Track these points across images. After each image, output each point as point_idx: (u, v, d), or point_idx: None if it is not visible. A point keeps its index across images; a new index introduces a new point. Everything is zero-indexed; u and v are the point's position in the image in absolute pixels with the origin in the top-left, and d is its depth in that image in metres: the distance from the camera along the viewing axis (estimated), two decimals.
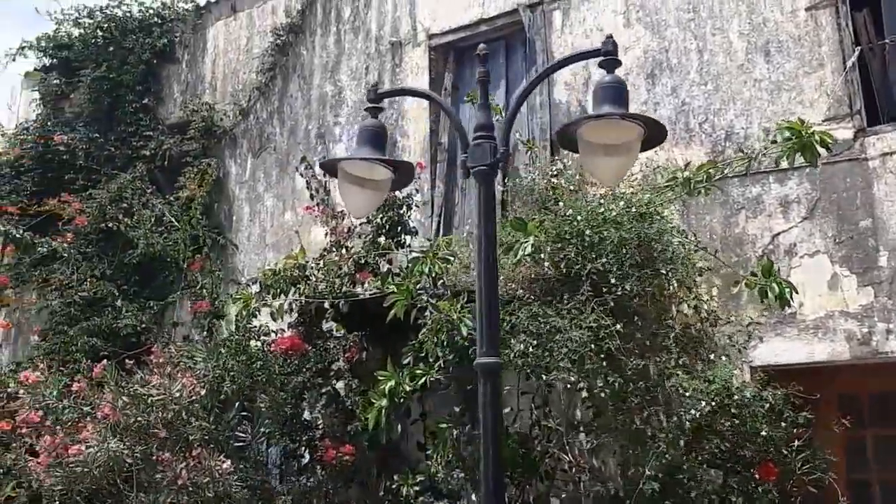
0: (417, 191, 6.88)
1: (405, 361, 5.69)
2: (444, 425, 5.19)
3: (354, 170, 3.64)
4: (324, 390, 5.82)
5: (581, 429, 5.15)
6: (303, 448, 5.93)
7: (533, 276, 4.79)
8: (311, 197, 7.39)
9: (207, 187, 7.86)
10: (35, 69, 10.26)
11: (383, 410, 4.99)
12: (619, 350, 4.39)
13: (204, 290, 7.41)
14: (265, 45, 8.43)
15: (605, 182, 4.24)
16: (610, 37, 3.30)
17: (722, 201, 5.74)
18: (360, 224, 6.94)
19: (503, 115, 6.81)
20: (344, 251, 6.68)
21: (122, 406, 4.98)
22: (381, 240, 6.58)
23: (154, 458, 5.31)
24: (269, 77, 8.35)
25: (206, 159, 8.32)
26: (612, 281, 4.56)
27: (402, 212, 6.60)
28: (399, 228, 6.58)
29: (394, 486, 5.76)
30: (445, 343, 5.02)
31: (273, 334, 6.16)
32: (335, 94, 7.95)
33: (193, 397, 5.23)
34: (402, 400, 5.09)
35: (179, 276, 8.00)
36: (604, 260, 4.57)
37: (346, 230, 6.89)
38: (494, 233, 3.37)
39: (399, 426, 5.83)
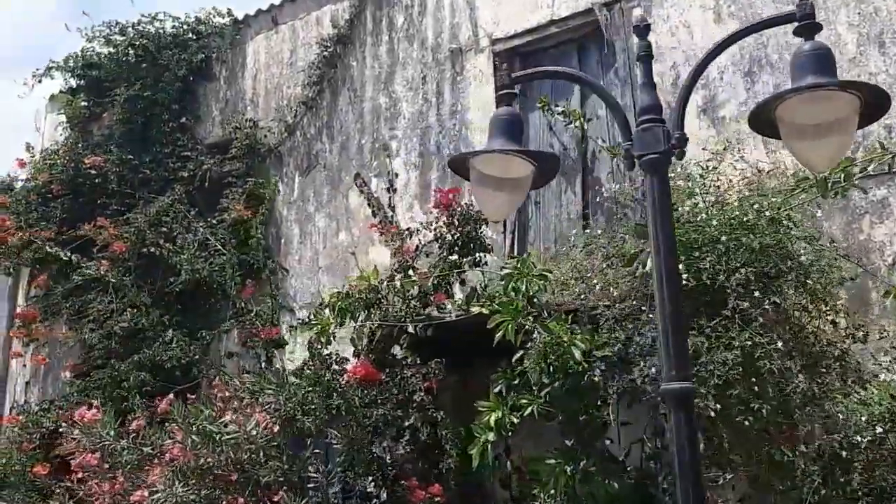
0: None
1: (496, 390, 5.16)
2: (552, 461, 4.62)
3: (488, 167, 3.11)
4: (406, 423, 5.25)
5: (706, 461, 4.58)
6: (381, 488, 5.36)
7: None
8: (374, 214, 6.90)
9: (267, 205, 7.33)
10: (61, 91, 9.81)
11: (489, 446, 4.42)
12: (780, 371, 3.83)
13: (258, 318, 6.86)
14: (311, 58, 7.97)
15: (817, 169, 3.55)
16: (807, 0, 2.79)
17: (842, 206, 5.21)
18: (427, 243, 6.43)
19: (582, 120, 6.35)
20: (411, 272, 6.17)
21: (192, 446, 4.41)
22: (453, 258, 6.07)
23: (224, 503, 4.75)
24: (316, 91, 7.88)
25: (251, 178, 7.81)
26: (757, 294, 4.01)
27: (476, 227, 6.09)
28: (473, 245, 6.06)
29: None
30: (555, 368, 4.47)
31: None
32: (390, 106, 7.47)
33: (269, 435, 4.66)
34: (509, 433, 4.53)
35: (226, 304, 7.46)
36: (748, 269, 4.02)
37: (413, 249, 6.38)
38: (673, 235, 2.84)
39: None
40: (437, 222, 6.16)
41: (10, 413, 8.74)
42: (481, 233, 6.08)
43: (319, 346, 5.29)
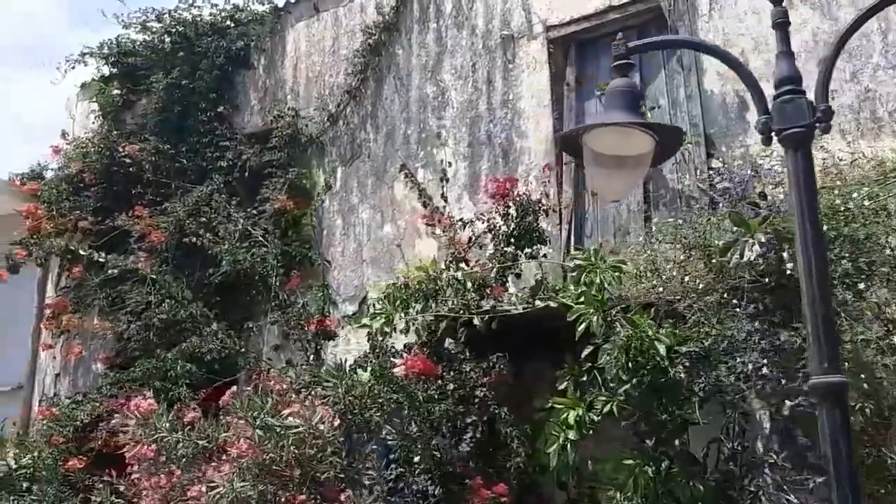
0: (547, 195, 6.19)
1: (561, 387, 4.96)
2: (630, 461, 4.39)
3: (602, 144, 2.91)
4: (469, 420, 5.04)
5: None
6: (438, 486, 5.14)
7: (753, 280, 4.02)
8: (424, 205, 6.71)
9: (323, 194, 7.13)
10: (93, 79, 9.63)
11: (570, 444, 4.20)
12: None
13: (305, 310, 6.64)
14: (354, 46, 7.76)
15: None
16: None
17: None
18: (480, 234, 6.23)
19: (645, 108, 6.12)
20: (464, 265, 5.97)
21: (259, 441, 4.20)
22: (509, 250, 5.87)
23: (282, 500, 4.54)
24: (360, 79, 7.67)
25: (293, 168, 7.61)
26: (861, 286, 3.79)
27: (536, 218, 5.89)
28: (530, 237, 5.86)
29: None
30: (636, 364, 4.25)
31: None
32: (437, 95, 7.26)
33: (335, 430, 4.46)
34: (590, 431, 4.31)
35: (266, 296, 7.24)
36: (850, 260, 3.80)
37: (466, 241, 6.19)
38: (818, 218, 2.62)
39: None
40: (492, 212, 5.98)
41: (41, 406, 8.56)
42: (539, 224, 5.89)
43: (381, 338, 5.07)
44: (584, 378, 4.88)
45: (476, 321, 4.95)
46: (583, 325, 4.32)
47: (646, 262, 4.76)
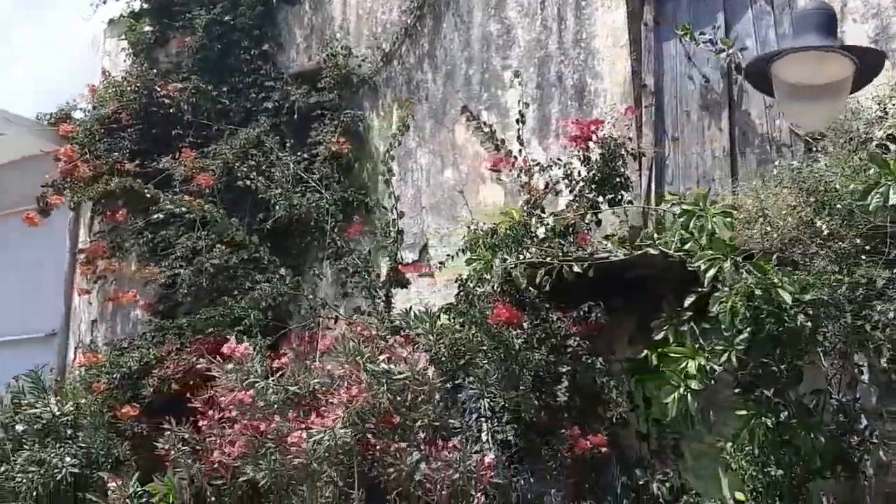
0: (630, 139, 5.96)
1: (658, 336, 4.81)
2: (744, 412, 4.24)
3: (793, 72, 2.68)
4: (563, 370, 4.88)
5: None
6: (527, 437, 5.00)
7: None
8: (497, 148, 6.47)
9: (399, 133, 6.82)
10: (122, 16, 9.23)
11: (691, 394, 4.05)
12: None
13: (368, 257, 6.43)
14: None
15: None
16: None
17: None
18: (556, 181, 6.01)
19: (732, 49, 5.88)
20: (541, 211, 5.76)
21: (368, 386, 4.02)
22: (590, 196, 5.66)
23: (378, 448, 4.39)
24: (416, 16, 7.35)
25: (348, 111, 7.33)
26: None
27: (620, 163, 5.67)
28: (613, 183, 5.64)
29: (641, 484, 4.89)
30: (755, 312, 4.07)
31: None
32: (502, 33, 6.95)
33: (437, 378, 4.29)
34: (712, 381, 4.16)
35: (322, 242, 7.00)
36: None
37: (542, 187, 5.97)
38: None
39: None
40: (571, 156, 5.76)
41: (80, 352, 8.34)
42: (624, 169, 5.67)
43: (472, 285, 4.86)
44: (684, 328, 4.73)
45: (576, 268, 4.74)
46: (711, 272, 4.12)
47: (755, 208, 4.56)
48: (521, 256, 5.04)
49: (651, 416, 5.48)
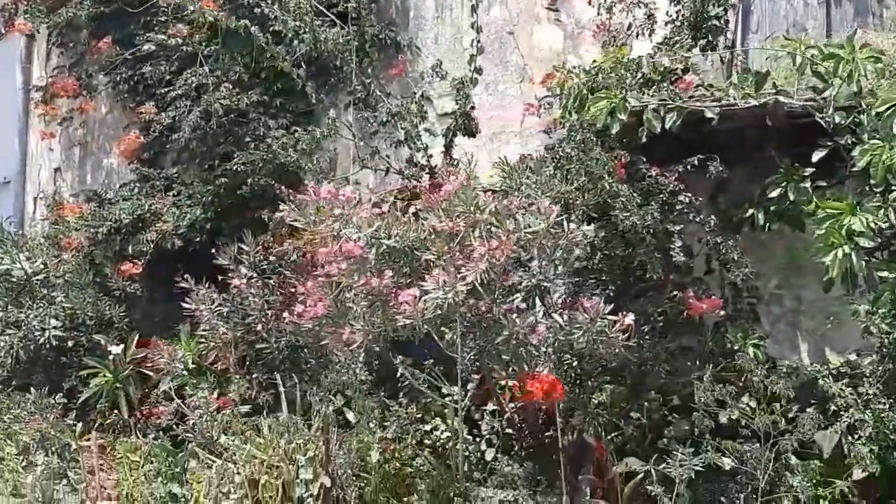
0: None
1: (773, 194, 4.44)
2: (887, 274, 3.94)
3: None
4: (674, 229, 4.45)
5: None
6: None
7: None
8: None
9: None
10: None
11: (855, 252, 3.71)
12: None
13: (417, 102, 5.67)
14: None
15: None
16: None
17: None
18: (640, 24, 5.40)
19: None
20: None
21: (507, 240, 3.47)
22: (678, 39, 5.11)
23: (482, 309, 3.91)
24: None
25: None
26: None
27: (709, 4, 5.11)
28: (708, 26, 5.10)
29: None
30: None
31: None
32: None
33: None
34: (877, 241, 3.82)
35: (348, 85, 6.17)
36: None
37: (625, 29, 5.35)
38: None
39: None
40: None
41: (39, 203, 7.36)
42: (720, 11, 5.11)
43: (585, 128, 4.28)
44: (805, 184, 4.38)
45: (709, 114, 4.23)
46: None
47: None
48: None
49: (727, 279, 5.20)
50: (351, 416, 4.13)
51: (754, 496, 3.93)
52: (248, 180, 6.00)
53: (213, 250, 5.27)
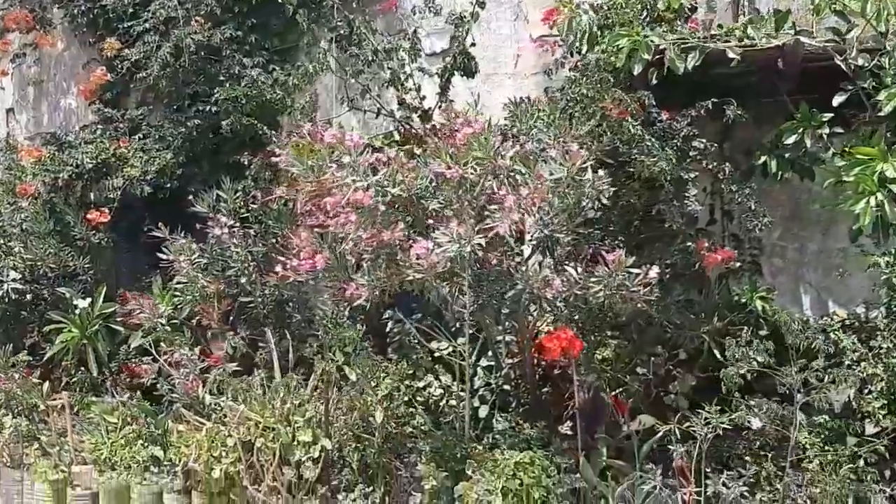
0: None
1: (789, 140, 4.26)
2: None
3: None
4: (688, 177, 4.23)
5: None
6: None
7: None
8: None
9: None
10: None
11: (888, 200, 3.54)
12: None
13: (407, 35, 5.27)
14: None
15: None
16: None
17: None
18: None
19: None
20: None
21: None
22: None
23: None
24: None
25: None
26: None
27: None
28: None
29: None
30: None
31: None
32: None
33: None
34: None
35: (322, 20, 5.73)
36: None
37: None
38: None
39: None
40: None
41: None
42: None
43: (600, 68, 3.98)
44: (823, 130, 4.19)
45: (730, 54, 3.98)
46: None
47: None
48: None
49: (727, 231, 5.04)
50: (353, 376, 3.87)
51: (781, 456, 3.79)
52: (225, 122, 5.59)
53: (188, 198, 4.92)
